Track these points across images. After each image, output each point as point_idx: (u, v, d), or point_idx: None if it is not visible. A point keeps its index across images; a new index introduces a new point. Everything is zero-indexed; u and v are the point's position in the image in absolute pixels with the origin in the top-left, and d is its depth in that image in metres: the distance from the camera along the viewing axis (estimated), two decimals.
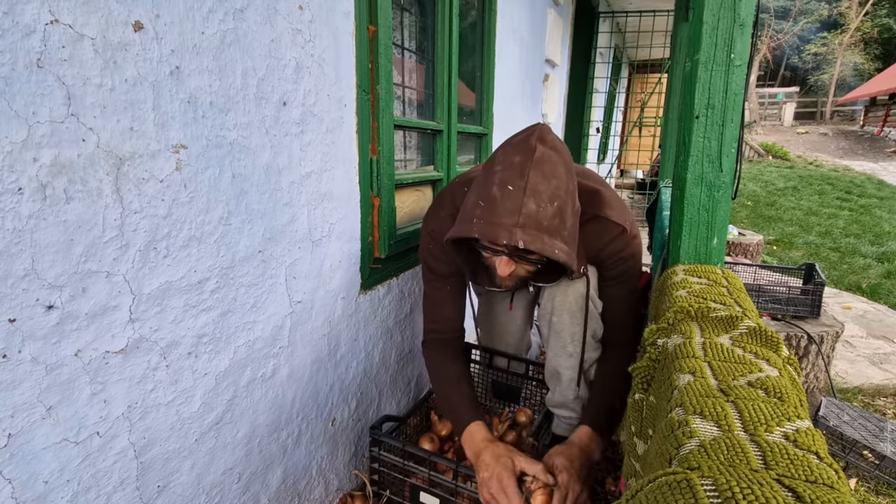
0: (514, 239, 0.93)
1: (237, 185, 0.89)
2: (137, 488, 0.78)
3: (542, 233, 0.95)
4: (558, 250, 0.96)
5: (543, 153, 0.97)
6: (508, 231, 0.93)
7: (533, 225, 0.94)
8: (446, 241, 1.07)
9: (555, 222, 0.96)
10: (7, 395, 0.60)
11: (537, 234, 0.94)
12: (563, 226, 0.98)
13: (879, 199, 7.65)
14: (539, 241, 0.94)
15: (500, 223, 0.94)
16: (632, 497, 0.48)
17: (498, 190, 0.96)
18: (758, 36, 1.48)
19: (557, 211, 0.97)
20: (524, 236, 0.93)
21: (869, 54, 22.62)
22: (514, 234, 0.93)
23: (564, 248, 0.98)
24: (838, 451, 1.78)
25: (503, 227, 0.94)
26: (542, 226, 0.95)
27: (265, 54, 0.92)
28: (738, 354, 0.71)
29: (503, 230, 0.94)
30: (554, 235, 0.96)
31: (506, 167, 0.98)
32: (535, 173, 0.95)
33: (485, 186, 1.00)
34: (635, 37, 6.03)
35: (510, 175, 0.96)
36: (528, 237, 0.93)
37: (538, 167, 0.96)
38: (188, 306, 0.83)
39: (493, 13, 2.09)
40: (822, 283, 2.11)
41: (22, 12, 0.56)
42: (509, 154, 1.00)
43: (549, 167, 0.97)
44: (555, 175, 0.97)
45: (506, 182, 0.96)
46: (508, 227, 0.94)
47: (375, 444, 1.29)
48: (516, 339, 1.59)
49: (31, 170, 0.59)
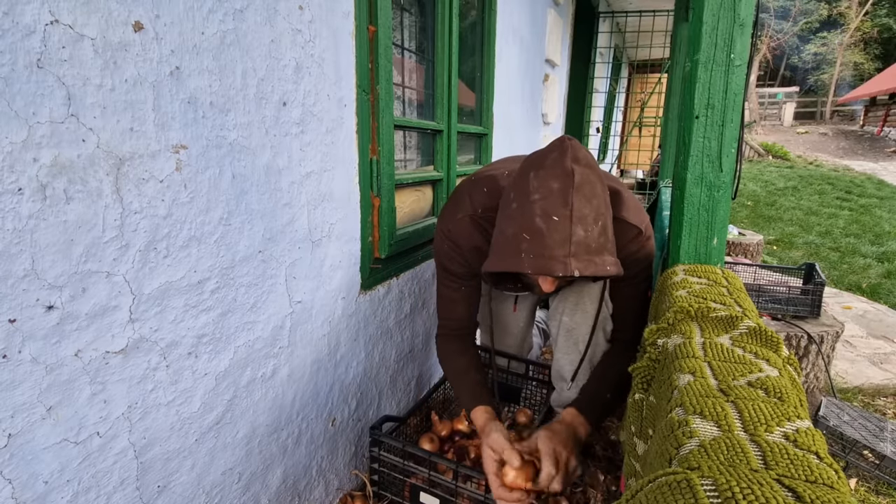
0: (570, 270, 0.93)
1: (237, 186, 0.89)
2: (137, 488, 0.78)
3: (593, 255, 0.95)
4: (609, 266, 0.97)
5: (582, 175, 0.96)
6: (563, 263, 0.93)
7: (584, 251, 0.94)
8: (484, 271, 1.06)
9: (601, 240, 0.97)
10: (7, 395, 0.60)
11: (589, 258, 0.95)
12: (608, 239, 0.99)
13: (879, 199, 7.65)
14: (592, 266, 0.95)
15: (552, 256, 0.94)
16: (632, 497, 0.48)
17: (542, 221, 0.95)
18: (758, 36, 1.48)
19: (602, 229, 0.97)
20: (578, 265, 0.93)
21: (869, 54, 22.62)
22: (568, 264, 0.93)
23: (612, 261, 0.99)
24: (838, 451, 1.78)
25: (556, 259, 0.93)
26: (592, 248, 0.95)
27: (265, 54, 0.92)
28: (738, 354, 0.71)
29: (557, 263, 0.93)
30: (602, 253, 0.97)
31: (545, 195, 0.96)
32: (578, 199, 0.94)
33: (525, 216, 0.98)
34: (635, 37, 6.03)
35: (552, 204, 0.95)
36: (582, 264, 0.94)
37: (580, 192, 0.95)
38: (188, 306, 0.83)
39: (493, 13, 2.09)
40: (822, 282, 2.11)
41: (22, 12, 0.56)
42: (545, 180, 0.97)
43: (589, 188, 0.96)
44: (595, 195, 0.97)
45: (549, 212, 0.95)
46: (562, 260, 0.93)
47: (375, 445, 1.29)
48: (519, 340, 1.59)
49: (31, 170, 0.59)
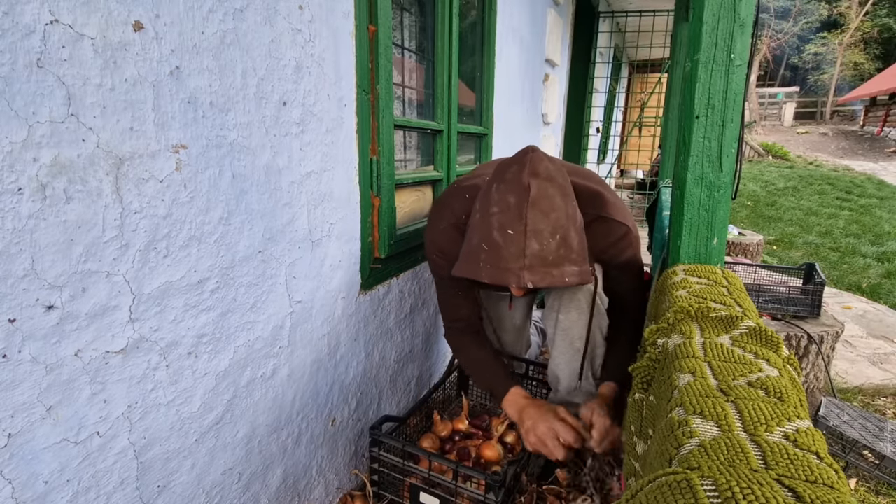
0: (523, 282, 0.96)
1: (237, 185, 0.89)
2: (137, 488, 0.78)
3: (549, 267, 0.97)
4: (568, 277, 0.98)
5: (539, 189, 0.97)
6: (516, 275, 0.96)
7: (539, 264, 0.96)
8: (452, 276, 1.10)
9: (560, 252, 0.98)
10: (7, 395, 0.60)
11: (545, 270, 0.97)
12: (570, 250, 0.99)
13: (879, 199, 7.65)
14: (548, 277, 0.97)
15: (506, 268, 0.97)
16: (632, 497, 0.48)
17: (499, 235, 0.98)
18: (758, 36, 1.48)
19: (561, 241, 0.98)
20: (532, 277, 0.96)
21: (869, 54, 22.61)
22: (521, 276, 0.96)
23: (575, 270, 1.00)
24: (838, 451, 1.78)
25: (510, 271, 0.96)
26: (548, 261, 0.97)
27: (265, 54, 0.92)
28: (738, 354, 0.71)
29: (511, 274, 0.96)
30: (561, 265, 0.98)
31: (503, 209, 0.99)
32: (533, 213, 0.96)
33: (485, 228, 1.01)
34: (635, 37, 6.03)
35: (508, 218, 0.97)
36: (536, 276, 0.96)
37: (535, 206, 0.96)
38: (188, 306, 0.83)
39: (493, 13, 2.08)
40: (822, 282, 2.11)
41: (22, 12, 0.56)
42: (504, 193, 1.00)
43: (547, 202, 0.97)
44: (553, 208, 0.97)
45: (505, 226, 0.97)
46: (515, 272, 0.96)
47: (375, 445, 1.29)
48: (515, 337, 1.59)
49: (31, 170, 0.59)
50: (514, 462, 1.27)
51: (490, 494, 1.16)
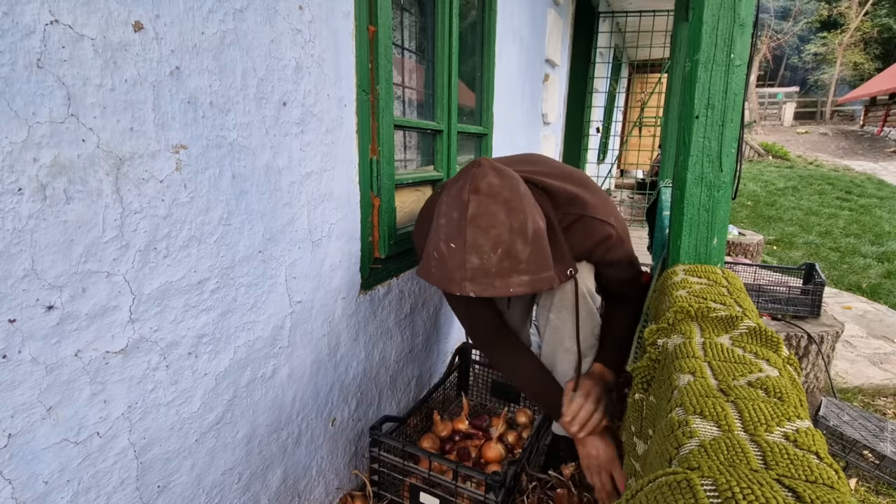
0: (465, 291, 1.00)
1: (237, 186, 0.89)
2: (137, 488, 0.78)
3: (492, 279, 1.00)
4: (513, 287, 1.01)
5: (478, 207, 0.99)
6: (458, 284, 1.01)
7: (480, 276, 1.00)
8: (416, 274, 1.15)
9: (504, 265, 1.00)
10: (7, 395, 0.60)
11: (486, 282, 1.00)
12: (518, 260, 1.01)
13: (879, 199, 7.65)
14: (490, 288, 1.00)
15: (450, 278, 1.02)
16: (632, 497, 0.48)
17: (444, 246, 1.02)
18: (758, 36, 1.48)
19: (504, 255, 1.00)
20: (474, 287, 1.00)
21: (869, 54, 22.60)
22: (463, 286, 1.00)
23: (524, 280, 1.02)
24: (838, 451, 1.78)
25: (454, 281, 1.01)
26: (491, 273, 1.00)
27: (265, 54, 0.92)
28: (738, 354, 0.71)
29: (454, 284, 1.01)
30: (506, 276, 1.01)
31: (448, 222, 1.02)
32: (471, 230, 0.99)
33: (435, 238, 1.05)
34: (635, 37, 6.03)
35: (451, 232, 1.01)
36: (479, 287, 1.00)
37: (474, 223, 0.99)
38: (188, 306, 0.83)
39: (493, 13, 2.08)
40: (822, 282, 2.11)
41: (22, 12, 0.56)
42: (449, 207, 1.03)
43: (486, 219, 0.99)
44: (494, 225, 0.99)
45: (449, 239, 1.01)
46: (458, 281, 1.01)
47: (375, 445, 1.29)
48: None
49: (31, 170, 0.59)
50: (514, 462, 1.27)
51: (490, 494, 1.16)
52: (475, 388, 1.76)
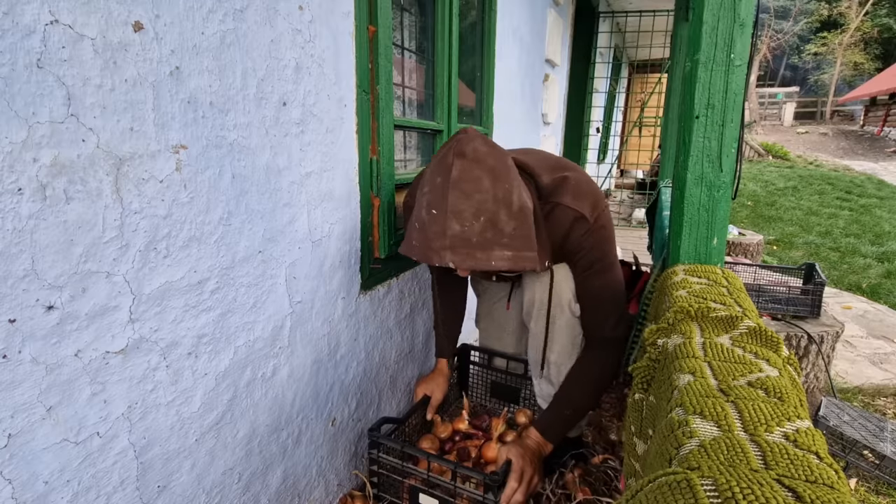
0: (445, 261, 0.96)
1: (237, 186, 0.89)
2: (137, 488, 0.78)
3: (474, 249, 0.96)
4: (496, 261, 0.97)
5: (461, 171, 0.95)
6: (439, 254, 0.97)
7: (461, 245, 0.96)
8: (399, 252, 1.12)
9: (486, 235, 0.96)
10: (7, 395, 0.60)
11: (468, 251, 0.96)
12: (500, 234, 0.97)
13: (879, 199, 7.65)
14: (471, 259, 0.96)
15: (430, 247, 0.98)
16: (632, 497, 0.48)
17: (426, 213, 0.99)
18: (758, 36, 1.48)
19: (487, 224, 0.96)
20: (454, 257, 0.96)
21: (869, 54, 22.60)
22: (443, 256, 0.96)
23: (505, 255, 0.98)
24: (838, 451, 1.78)
25: (434, 250, 0.97)
26: (472, 242, 0.96)
27: (265, 55, 0.92)
28: (738, 354, 0.71)
29: (434, 254, 0.97)
30: (488, 248, 0.97)
31: (431, 188, 0.99)
32: (454, 194, 0.95)
33: (418, 208, 1.02)
34: (635, 37, 6.03)
35: (434, 197, 0.97)
36: (459, 257, 0.96)
37: (457, 187, 0.95)
38: (188, 306, 0.83)
39: (493, 13, 2.09)
40: (822, 282, 2.11)
41: (22, 12, 0.56)
42: (433, 174, 1.00)
43: (470, 184, 0.95)
44: (478, 190, 0.95)
45: (431, 205, 0.98)
46: (438, 251, 0.97)
47: (374, 446, 1.29)
48: (515, 338, 1.59)
49: (31, 170, 0.59)
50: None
51: (489, 494, 1.16)
52: (475, 389, 1.76)
